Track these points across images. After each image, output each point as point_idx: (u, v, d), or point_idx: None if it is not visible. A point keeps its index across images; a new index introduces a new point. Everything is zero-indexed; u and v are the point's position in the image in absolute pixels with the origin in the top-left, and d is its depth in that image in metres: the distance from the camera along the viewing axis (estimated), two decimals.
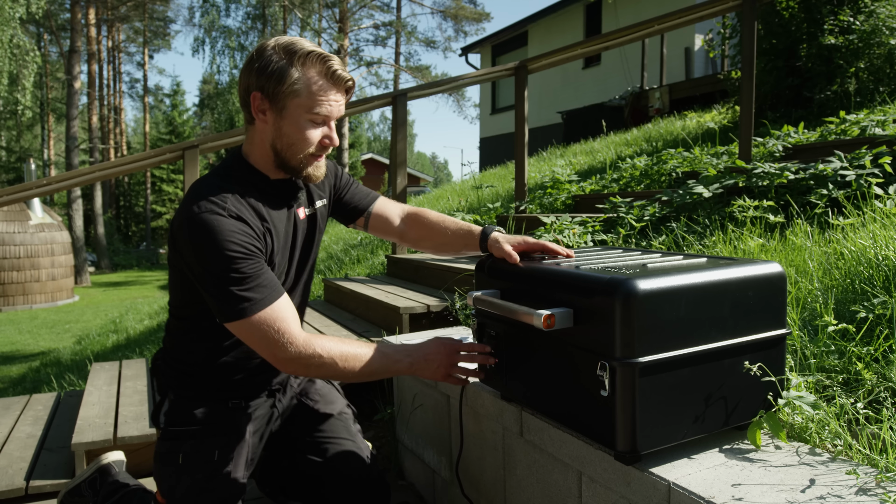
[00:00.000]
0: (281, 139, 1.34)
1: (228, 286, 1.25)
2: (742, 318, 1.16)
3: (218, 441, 1.44)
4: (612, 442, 1.08)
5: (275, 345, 1.27)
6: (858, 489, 0.99)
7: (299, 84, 1.29)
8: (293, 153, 1.35)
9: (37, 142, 34.98)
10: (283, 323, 1.27)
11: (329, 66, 1.31)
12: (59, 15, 25.70)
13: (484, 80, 4.34)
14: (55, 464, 2.33)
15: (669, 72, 11.21)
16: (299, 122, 1.32)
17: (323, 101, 1.31)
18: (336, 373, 1.32)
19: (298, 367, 1.30)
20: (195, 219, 1.26)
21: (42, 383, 5.61)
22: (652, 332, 1.06)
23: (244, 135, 1.46)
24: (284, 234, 1.43)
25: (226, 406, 1.47)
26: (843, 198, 2.41)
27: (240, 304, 1.25)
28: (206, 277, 1.27)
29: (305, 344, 1.29)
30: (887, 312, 1.46)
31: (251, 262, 1.27)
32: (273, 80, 1.29)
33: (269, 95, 1.31)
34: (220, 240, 1.25)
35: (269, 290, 1.28)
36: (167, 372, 1.49)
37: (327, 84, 1.31)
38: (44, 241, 14.27)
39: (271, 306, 1.27)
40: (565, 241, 2.56)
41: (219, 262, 1.25)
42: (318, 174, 1.40)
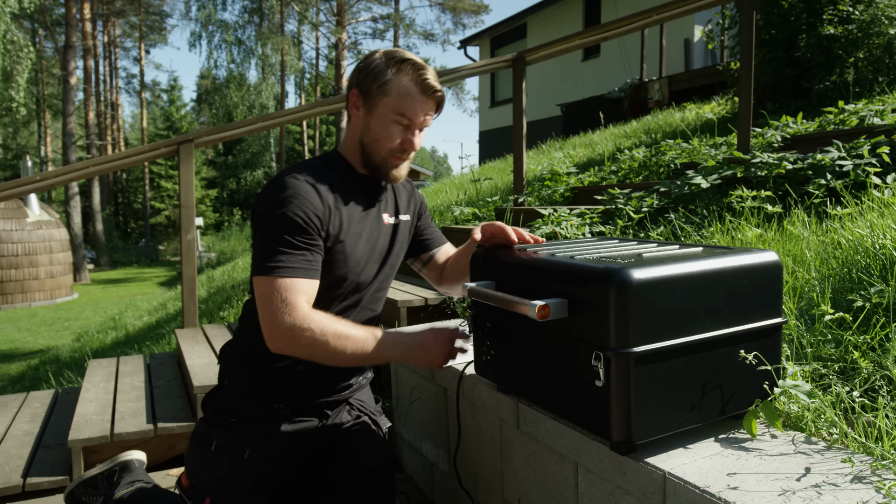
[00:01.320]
0: (367, 134, 1.43)
1: (274, 242, 1.31)
2: (738, 307, 1.15)
3: (252, 441, 1.46)
4: (608, 432, 1.08)
5: (275, 312, 1.28)
6: (854, 477, 0.98)
7: (390, 85, 1.39)
8: (376, 149, 1.43)
9: (33, 139, 34.90)
10: (294, 295, 1.29)
11: (421, 75, 1.40)
12: (53, 10, 25.59)
13: (482, 72, 4.32)
14: (52, 461, 2.33)
15: (669, 63, 11.18)
16: (385, 120, 1.41)
17: (409, 104, 1.40)
18: (326, 352, 1.31)
19: (288, 340, 1.29)
20: (276, 178, 1.38)
21: (41, 381, 5.61)
22: (647, 322, 1.05)
23: (246, 127, 1.51)
24: (361, 226, 1.46)
25: (270, 409, 1.48)
26: (841, 187, 2.40)
27: (274, 262, 1.30)
28: (262, 229, 1.34)
29: (303, 318, 1.28)
30: (884, 301, 1.45)
31: (304, 230, 1.32)
32: (369, 79, 1.41)
33: (364, 93, 1.42)
34: (288, 197, 1.32)
35: (305, 266, 1.32)
36: (230, 358, 1.53)
37: (417, 91, 1.40)
38: (42, 239, 14.26)
39: (297, 279, 1.30)
40: (563, 232, 2.55)
41: (276, 218, 1.32)
42: (398, 175, 1.47)
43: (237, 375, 1.50)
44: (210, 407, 1.52)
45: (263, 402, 1.48)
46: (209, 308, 5.71)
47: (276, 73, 27.30)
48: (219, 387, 1.55)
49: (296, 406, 1.50)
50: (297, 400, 1.50)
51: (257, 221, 1.36)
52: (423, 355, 1.42)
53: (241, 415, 1.47)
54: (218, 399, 1.52)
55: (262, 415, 1.48)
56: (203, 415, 1.53)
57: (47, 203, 27.05)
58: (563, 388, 1.19)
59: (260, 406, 1.48)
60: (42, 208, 15.16)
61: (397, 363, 2.18)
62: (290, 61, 26.31)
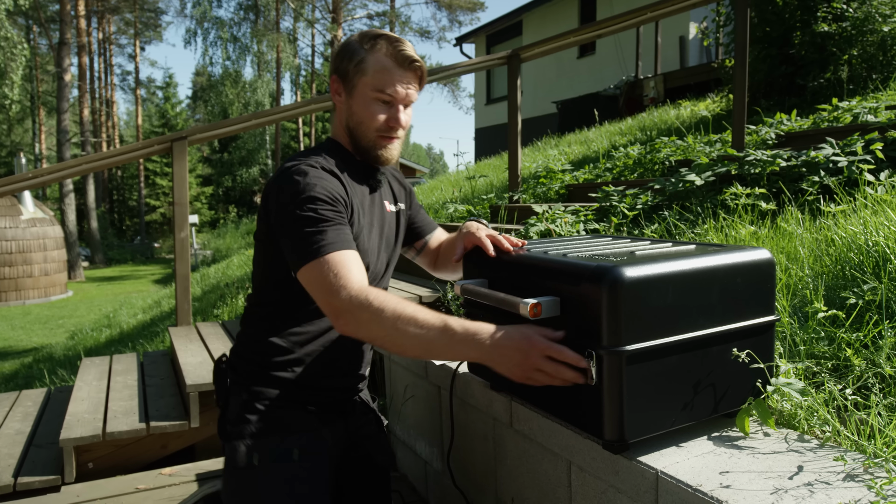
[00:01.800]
0: (352, 118, 1.38)
1: (308, 226, 1.22)
2: (730, 305, 1.15)
3: (297, 439, 1.35)
4: (600, 431, 1.07)
5: (330, 289, 1.18)
6: (846, 475, 0.98)
7: (366, 63, 1.34)
8: (363, 132, 1.37)
9: (28, 136, 34.71)
10: (345, 269, 1.20)
11: (396, 47, 1.34)
12: (47, 6, 25.44)
13: (477, 69, 4.31)
14: (44, 460, 2.32)
15: (664, 61, 11.18)
16: (366, 100, 1.35)
17: (388, 81, 1.34)
18: (387, 334, 1.15)
19: (349, 319, 1.17)
20: (288, 170, 1.30)
21: (34, 379, 5.58)
22: (639, 320, 1.04)
23: (240, 124, 1.48)
24: (370, 214, 1.42)
25: (303, 409, 1.38)
26: (835, 184, 2.40)
27: (315, 245, 1.21)
28: (288, 219, 1.25)
29: (359, 291, 1.17)
30: (877, 298, 1.45)
31: (334, 208, 1.26)
32: (346, 62, 1.36)
33: (343, 77, 1.37)
34: (308, 182, 1.26)
35: (344, 238, 1.24)
36: (244, 368, 1.39)
37: (394, 64, 1.34)
38: (36, 236, 14.20)
39: (340, 252, 1.22)
40: (557, 230, 2.55)
41: (303, 202, 1.24)
42: (389, 156, 1.41)
43: (259, 380, 1.37)
44: (236, 422, 1.35)
45: (295, 405, 1.38)
46: (203, 306, 5.69)
47: (271, 71, 27.22)
48: (236, 400, 1.38)
49: (321, 404, 1.41)
50: (321, 396, 1.41)
51: (281, 215, 1.26)
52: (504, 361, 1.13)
53: (276, 419, 1.35)
54: (242, 412, 1.35)
55: (299, 415, 1.37)
56: (229, 437, 1.36)
57: (42, 200, 26.92)
58: (555, 387, 1.18)
59: (293, 408, 1.37)
60: (36, 206, 15.10)
61: (392, 362, 2.17)
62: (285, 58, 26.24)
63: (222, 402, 1.41)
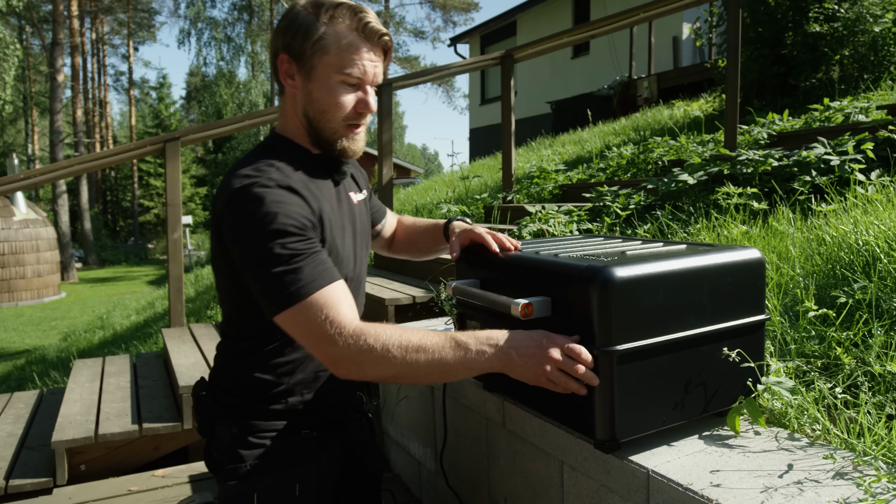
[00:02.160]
0: (312, 105, 1.18)
1: (277, 267, 1.06)
2: (721, 305, 1.15)
3: (297, 473, 1.24)
4: (592, 430, 1.07)
5: (322, 337, 1.05)
6: (836, 473, 0.99)
7: (327, 39, 1.14)
8: (326, 121, 1.19)
9: (20, 136, 34.54)
10: (334, 310, 1.05)
11: (361, 19, 1.15)
12: (40, 7, 25.32)
13: (470, 70, 4.32)
14: (36, 462, 2.31)
15: (657, 61, 11.21)
16: (330, 83, 1.16)
17: (355, 59, 1.15)
18: (398, 371, 1.05)
19: (351, 365, 1.06)
20: (237, 194, 1.09)
21: (27, 381, 5.56)
22: (630, 320, 1.05)
23: (232, 125, 1.37)
24: (340, 216, 1.26)
25: (298, 436, 1.27)
26: (826, 184, 2.41)
27: (290, 288, 1.05)
28: (253, 260, 1.09)
29: (356, 334, 1.04)
30: (866, 297, 1.46)
31: (303, 238, 1.09)
32: (299, 37, 1.15)
33: (296, 56, 1.16)
34: (267, 212, 1.07)
35: (323, 271, 1.08)
36: (229, 402, 1.26)
37: (359, 39, 1.15)
38: (28, 238, 14.12)
39: (324, 289, 1.06)
40: (550, 230, 2.55)
41: (266, 239, 1.06)
42: (354, 148, 1.23)
43: (246, 417, 1.26)
44: (229, 460, 1.25)
45: (290, 432, 1.27)
46: (197, 307, 5.68)
47: (265, 71, 27.18)
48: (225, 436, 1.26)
49: (319, 425, 1.32)
50: (316, 418, 1.31)
51: (243, 253, 1.10)
52: (522, 365, 1.07)
53: (272, 452, 1.25)
54: (234, 449, 1.24)
55: (295, 444, 1.27)
56: (222, 475, 1.26)
57: (35, 201, 26.77)
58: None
59: (288, 436, 1.27)
60: (29, 207, 15.02)
61: None
62: None
63: (207, 433, 1.29)
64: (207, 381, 1.34)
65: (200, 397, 1.32)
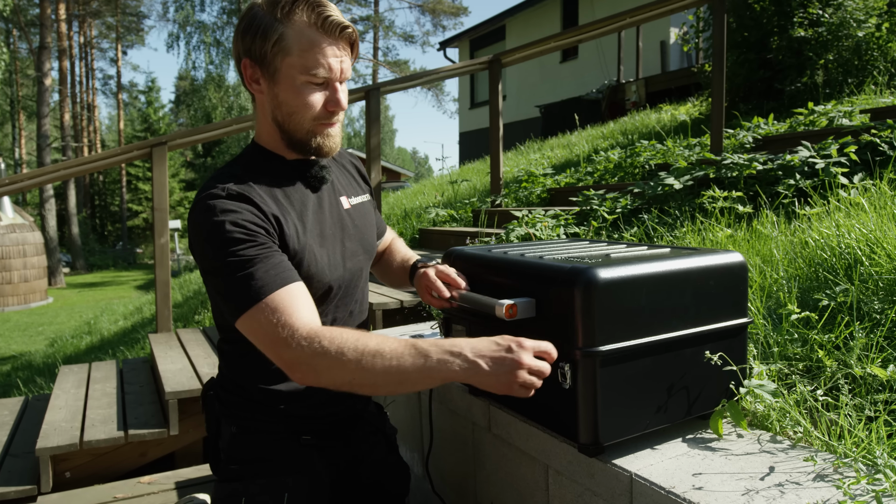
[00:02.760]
0: (280, 108, 1.15)
1: (230, 274, 1.06)
2: (704, 308, 1.16)
3: (288, 482, 1.23)
4: (575, 434, 1.08)
5: (275, 341, 1.03)
6: (816, 475, 1.00)
7: (287, 39, 1.09)
8: (296, 123, 1.15)
9: (7, 140, 34.23)
10: (286, 314, 1.03)
11: (320, 13, 1.09)
12: (28, 10, 25.14)
13: (459, 74, 4.33)
14: (20, 470, 2.28)
15: (645, 65, 11.29)
16: (295, 85, 1.12)
17: (319, 58, 1.10)
18: (353, 377, 1.01)
19: (306, 369, 1.02)
20: (193, 207, 1.12)
21: (12, 388, 5.49)
22: (613, 322, 1.05)
23: (219, 130, 1.36)
24: (319, 223, 1.23)
25: (297, 443, 1.27)
26: (809, 187, 2.44)
27: (245, 293, 1.04)
28: (209, 271, 1.10)
29: (309, 337, 1.01)
30: (848, 300, 1.47)
31: (253, 243, 1.07)
32: (259, 40, 1.10)
33: (258, 59, 1.12)
34: (215, 222, 1.07)
35: (276, 274, 1.06)
36: (229, 400, 1.27)
37: (320, 35, 1.10)
38: (15, 242, 13.98)
39: (277, 292, 1.04)
40: (537, 233, 2.56)
41: (219, 247, 1.07)
42: (329, 144, 1.19)
43: (245, 415, 1.26)
44: (225, 460, 1.26)
45: (288, 436, 1.27)
46: (184, 312, 5.64)
47: None
48: (224, 435, 1.28)
49: (320, 433, 1.31)
50: (315, 423, 1.30)
51: (202, 265, 1.12)
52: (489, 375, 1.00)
53: (267, 457, 1.24)
54: (231, 449, 1.25)
55: (292, 450, 1.26)
56: (217, 476, 1.29)
57: (22, 206, 26.52)
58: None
59: (286, 440, 1.26)
60: (16, 211, 14.87)
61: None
62: None
63: (213, 431, 1.31)
64: (215, 380, 1.35)
65: (208, 397, 1.33)
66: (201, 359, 2.83)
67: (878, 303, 1.47)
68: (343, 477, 1.37)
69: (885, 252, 1.62)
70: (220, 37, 25.09)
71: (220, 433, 1.29)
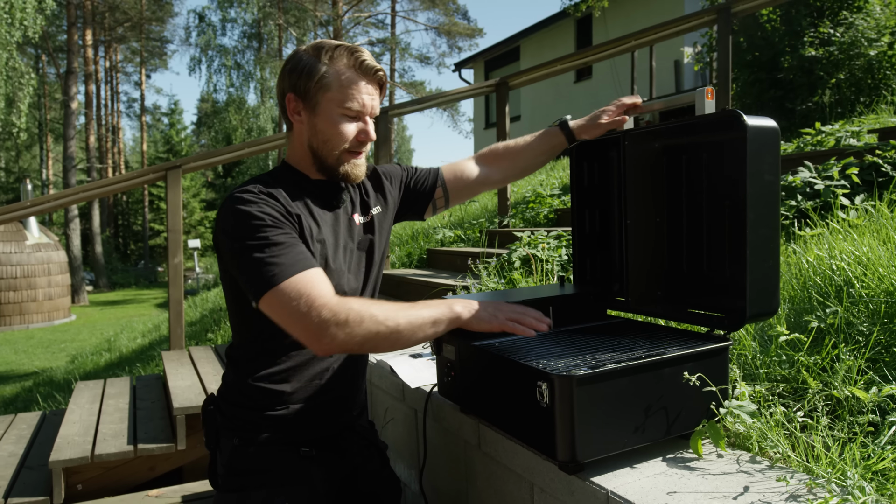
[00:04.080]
0: (316, 137, 1.32)
1: (257, 253, 1.18)
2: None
3: (287, 492, 1.30)
4: (554, 451, 1.11)
5: (302, 316, 1.15)
6: (790, 495, 1.01)
7: (328, 77, 1.28)
8: (329, 150, 1.32)
9: (35, 162, 35.15)
10: (315, 290, 1.16)
11: (357, 57, 1.29)
12: (56, 36, 25.96)
13: (466, 97, 4.41)
14: (34, 482, 2.35)
15: (659, 85, 11.31)
16: (333, 116, 1.30)
17: (354, 94, 1.29)
18: (384, 334, 1.18)
19: (331, 339, 1.16)
20: (227, 201, 1.26)
21: (33, 403, 5.62)
22: None
23: (232, 153, 1.46)
24: (335, 235, 1.36)
25: (297, 454, 1.34)
26: (810, 209, 2.45)
27: (270, 272, 1.16)
28: (236, 252, 1.21)
29: (335, 308, 1.15)
30: (835, 322, 1.49)
31: (280, 230, 1.21)
32: (304, 78, 1.29)
33: (302, 94, 1.30)
34: (248, 210, 1.22)
35: (301, 258, 1.20)
36: (231, 412, 1.35)
37: (356, 75, 1.29)
38: (40, 261, 14.31)
39: (303, 273, 1.17)
40: (538, 254, 2.60)
41: (247, 231, 1.20)
42: (356, 173, 1.35)
43: (247, 429, 1.33)
44: (226, 472, 1.33)
45: (289, 447, 1.34)
46: (198, 330, 5.74)
47: (273, 96, 27.59)
48: (225, 448, 1.34)
49: (318, 443, 1.37)
50: (317, 432, 1.37)
51: (228, 248, 1.23)
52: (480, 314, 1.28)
53: (267, 468, 1.31)
54: (232, 461, 1.32)
55: (291, 462, 1.33)
56: (219, 485, 1.35)
57: (48, 225, 27.14)
58: (515, 410, 1.22)
59: (287, 452, 1.33)
60: (41, 231, 15.24)
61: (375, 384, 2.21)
62: None
63: (212, 445, 1.38)
64: (216, 395, 1.42)
65: (209, 411, 1.39)
66: (210, 376, 2.89)
67: (867, 325, 1.48)
68: (340, 489, 1.42)
69: (876, 275, 1.63)
70: (240, 60, 25.65)
71: (219, 446, 1.35)
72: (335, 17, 21.03)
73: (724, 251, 1.32)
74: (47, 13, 16.52)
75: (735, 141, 1.21)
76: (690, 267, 1.41)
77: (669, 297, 1.46)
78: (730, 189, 1.28)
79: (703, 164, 1.37)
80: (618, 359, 1.16)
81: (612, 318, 1.59)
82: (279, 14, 23.82)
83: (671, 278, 1.46)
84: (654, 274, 1.48)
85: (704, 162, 1.36)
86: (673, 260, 1.45)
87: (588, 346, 1.29)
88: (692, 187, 1.40)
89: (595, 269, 1.64)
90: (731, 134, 1.27)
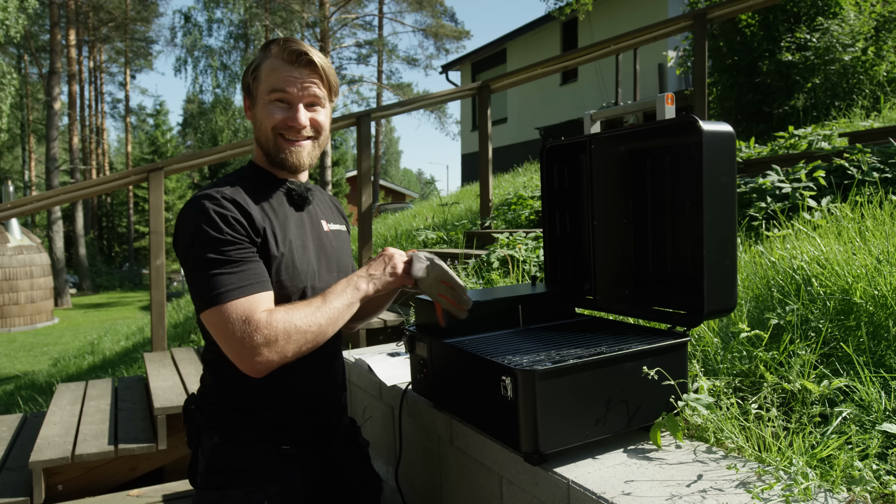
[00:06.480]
0: (258, 129, 1.35)
1: (209, 269, 1.18)
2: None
3: (268, 491, 1.31)
4: (517, 443, 1.15)
5: (241, 339, 1.16)
6: (739, 482, 1.07)
7: (261, 69, 1.33)
8: (264, 137, 1.34)
9: (18, 163, 34.74)
10: (255, 316, 1.18)
11: (286, 46, 1.31)
12: (39, 36, 25.69)
13: (449, 100, 4.46)
14: (14, 483, 2.36)
15: (643, 88, 11.45)
16: (265, 104, 1.32)
17: (278, 79, 1.30)
18: (311, 339, 1.22)
19: (271, 360, 1.18)
20: (188, 204, 1.26)
21: (14, 406, 5.58)
22: None
23: (215, 155, 1.48)
24: (301, 235, 1.37)
25: (277, 452, 1.35)
26: (779, 210, 2.52)
27: (216, 289, 1.17)
28: (190, 263, 1.21)
29: (267, 329, 1.17)
30: (793, 319, 1.55)
31: (235, 246, 1.21)
32: (249, 76, 1.36)
33: (248, 92, 1.37)
34: (206, 220, 1.21)
35: (253, 280, 1.20)
36: (212, 411, 1.35)
37: (282, 63, 1.31)
38: (22, 264, 14.15)
39: (251, 297, 1.18)
40: (516, 255, 2.65)
41: (202, 244, 1.20)
42: (293, 160, 1.35)
43: (227, 424, 1.34)
44: (206, 470, 1.34)
45: (269, 446, 1.35)
46: (182, 332, 5.73)
47: None
48: (206, 446, 1.35)
49: (298, 442, 1.38)
50: (294, 432, 1.38)
51: (182, 256, 1.24)
52: (379, 272, 1.34)
53: (248, 466, 1.32)
54: (213, 459, 1.33)
55: (272, 460, 1.34)
56: (199, 483, 1.36)
57: (30, 228, 26.85)
58: (482, 403, 1.27)
59: (267, 451, 1.34)
60: (24, 233, 15.07)
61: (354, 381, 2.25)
62: None
63: (194, 444, 1.39)
64: (196, 395, 1.43)
65: (189, 411, 1.41)
66: (192, 376, 2.91)
67: (823, 321, 1.54)
68: (320, 488, 1.44)
69: (834, 272, 1.69)
70: (226, 61, 25.51)
71: (200, 444, 1.36)
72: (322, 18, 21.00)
73: (685, 251, 1.38)
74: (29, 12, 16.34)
75: (692, 145, 1.27)
76: (655, 266, 1.47)
77: (636, 296, 1.52)
78: (689, 191, 1.33)
79: (666, 167, 1.42)
80: (580, 354, 1.21)
81: (582, 316, 1.64)
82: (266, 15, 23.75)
83: (637, 277, 1.52)
84: (622, 273, 1.53)
85: (667, 165, 1.42)
86: (639, 259, 1.51)
87: (554, 343, 1.34)
88: (656, 189, 1.45)
89: (566, 268, 1.69)
90: (688, 138, 1.32)
